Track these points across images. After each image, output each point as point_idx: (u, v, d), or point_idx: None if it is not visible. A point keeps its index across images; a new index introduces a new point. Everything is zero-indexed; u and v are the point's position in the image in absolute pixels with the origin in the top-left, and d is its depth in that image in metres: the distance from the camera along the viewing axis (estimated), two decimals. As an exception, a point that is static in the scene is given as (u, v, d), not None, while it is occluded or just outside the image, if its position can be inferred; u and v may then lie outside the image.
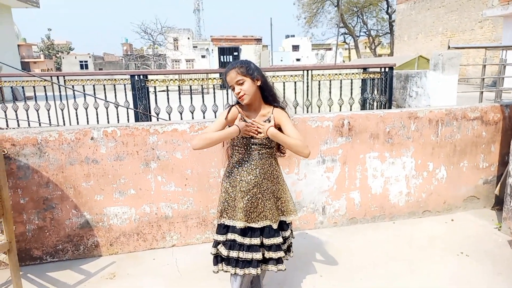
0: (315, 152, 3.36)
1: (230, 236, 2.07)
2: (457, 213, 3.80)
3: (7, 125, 5.06)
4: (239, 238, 2.05)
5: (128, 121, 4.80)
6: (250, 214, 2.06)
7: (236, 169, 2.09)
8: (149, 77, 4.80)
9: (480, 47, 11.84)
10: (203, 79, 4.77)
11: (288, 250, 2.26)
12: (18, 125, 4.98)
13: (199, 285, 2.67)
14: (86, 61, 39.57)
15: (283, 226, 2.20)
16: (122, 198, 3.06)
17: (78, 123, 4.84)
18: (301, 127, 3.28)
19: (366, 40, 39.58)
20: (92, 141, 2.93)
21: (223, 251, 2.09)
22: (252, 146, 2.07)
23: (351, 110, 4.93)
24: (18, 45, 23.89)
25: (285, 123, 2.04)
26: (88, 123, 4.86)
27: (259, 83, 2.04)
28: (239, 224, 2.04)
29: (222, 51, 30.83)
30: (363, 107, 5.21)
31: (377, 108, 5.01)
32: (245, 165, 2.07)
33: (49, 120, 4.79)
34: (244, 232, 2.06)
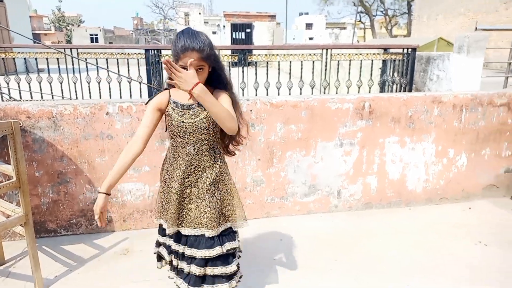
0: (333, 135, 3.27)
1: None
2: (475, 201, 3.71)
3: (21, 97, 5.03)
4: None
5: (141, 97, 4.73)
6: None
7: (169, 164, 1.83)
8: (163, 52, 4.70)
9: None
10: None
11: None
12: (31, 98, 4.95)
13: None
14: (97, 35, 39.23)
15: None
16: (137, 174, 3.03)
17: (90, 97, 4.79)
18: (320, 109, 3.18)
19: (382, 20, 38.45)
20: (107, 116, 2.88)
21: None
22: (186, 137, 1.74)
23: (369, 92, 4.78)
24: (30, 17, 23.71)
25: (221, 101, 1.68)
26: (100, 98, 4.81)
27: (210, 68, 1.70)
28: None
29: (234, 28, 30.21)
30: (382, 89, 5.05)
31: (396, 91, 4.85)
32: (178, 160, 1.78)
33: (62, 93, 4.75)
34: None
